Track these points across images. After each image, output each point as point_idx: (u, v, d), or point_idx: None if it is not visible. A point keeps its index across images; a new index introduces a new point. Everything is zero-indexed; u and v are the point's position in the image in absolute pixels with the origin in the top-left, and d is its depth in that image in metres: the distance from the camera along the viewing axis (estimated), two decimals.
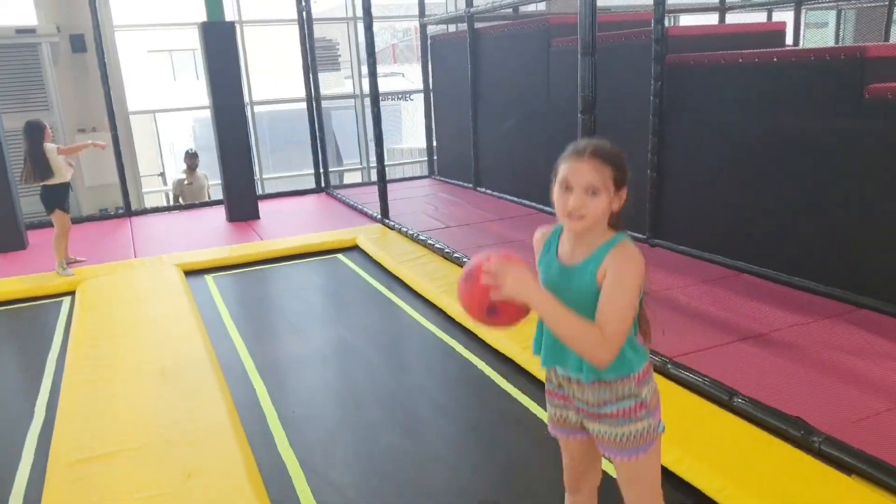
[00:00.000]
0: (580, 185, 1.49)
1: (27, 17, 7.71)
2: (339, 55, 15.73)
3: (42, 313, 4.43)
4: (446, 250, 4.91)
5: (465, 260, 4.61)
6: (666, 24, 4.63)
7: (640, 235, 4.87)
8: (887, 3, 8.93)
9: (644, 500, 1.69)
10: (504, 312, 1.48)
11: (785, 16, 10.64)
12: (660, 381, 2.82)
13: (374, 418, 2.88)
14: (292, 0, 7.62)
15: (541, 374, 3.09)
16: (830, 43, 11.45)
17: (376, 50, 5.80)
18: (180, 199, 7.62)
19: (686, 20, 10.53)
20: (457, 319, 3.83)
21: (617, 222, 1.56)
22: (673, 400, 2.68)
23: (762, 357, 3.02)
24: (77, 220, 6.83)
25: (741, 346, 3.15)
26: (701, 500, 2.19)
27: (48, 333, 4.03)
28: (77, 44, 7.47)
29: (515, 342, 3.30)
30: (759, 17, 10.58)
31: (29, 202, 7.39)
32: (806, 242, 3.83)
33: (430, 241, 5.14)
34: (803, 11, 8.76)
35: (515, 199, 6.54)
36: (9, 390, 3.40)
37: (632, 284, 1.48)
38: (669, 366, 2.87)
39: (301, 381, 3.30)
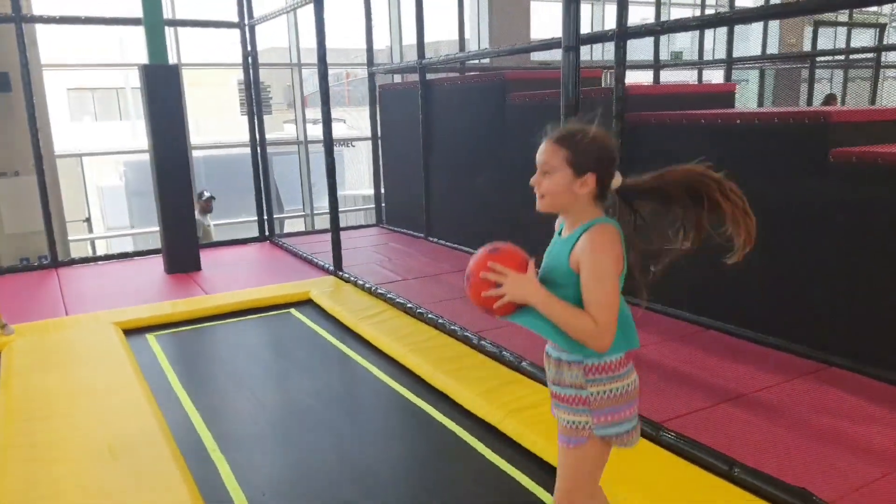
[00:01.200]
0: (538, 165, 1.69)
1: None
2: (271, 97, 15.53)
3: None
4: (408, 305, 4.74)
5: (429, 315, 4.46)
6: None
7: None
8: (807, 65, 9.57)
9: (562, 489, 1.78)
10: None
11: (713, 74, 11.26)
12: (656, 450, 2.73)
13: (349, 497, 2.66)
14: (221, 42, 7.43)
15: (521, 437, 2.96)
16: (754, 100, 12.16)
17: (307, 94, 5.67)
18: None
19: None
20: (426, 380, 3.66)
21: (608, 208, 1.69)
22: (672, 472, 2.58)
23: (749, 421, 2.99)
24: None
25: (726, 409, 3.11)
26: None
27: None
28: (2, 83, 7.00)
29: (492, 404, 3.16)
30: (689, 75, 11.14)
31: None
32: (770, 300, 3.89)
33: (389, 295, 4.96)
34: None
35: (470, 249, 6.46)
36: None
37: (605, 273, 1.60)
38: (663, 433, 2.78)
39: (266, 456, 3.03)
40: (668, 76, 11.08)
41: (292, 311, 5.14)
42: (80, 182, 9.84)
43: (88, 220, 9.75)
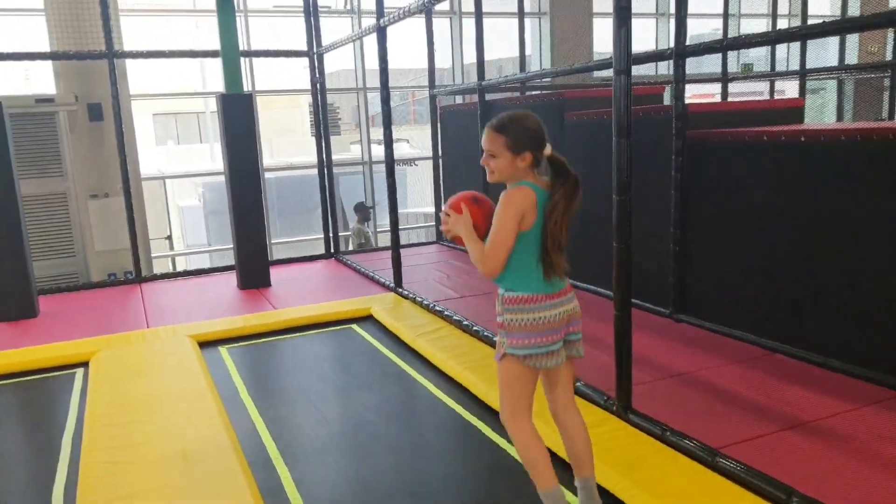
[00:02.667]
0: (485, 149, 2.24)
1: (47, 86, 7.83)
2: (340, 118, 15.99)
3: (55, 386, 4.31)
4: (465, 322, 4.83)
5: (485, 334, 4.53)
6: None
7: (664, 310, 4.81)
8: (888, 75, 9.15)
9: (500, 398, 2.35)
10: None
11: (786, 85, 10.91)
12: (709, 474, 2.71)
13: None
14: (291, 66, 7.73)
15: None
16: (832, 113, 11.69)
17: (372, 114, 5.87)
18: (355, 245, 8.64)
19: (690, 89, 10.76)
20: (481, 398, 3.72)
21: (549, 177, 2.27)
22: (728, 499, 2.56)
23: (812, 449, 2.91)
24: (87, 286, 6.79)
25: (788, 437, 3.04)
26: None
27: (62, 409, 3.90)
28: (94, 112, 7.56)
29: (548, 426, 3.19)
30: (760, 87, 10.85)
31: (41, 266, 7.35)
32: (841, 323, 3.77)
33: (446, 313, 5.06)
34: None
35: None
36: (25, 473, 3.26)
37: (503, 218, 2.15)
38: (720, 459, 2.75)
39: (327, 468, 3.16)
40: (738, 89, 10.82)
41: (354, 326, 5.32)
42: (163, 202, 10.45)
43: (170, 237, 10.32)
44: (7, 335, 5.26)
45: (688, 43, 4.42)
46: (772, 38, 4.33)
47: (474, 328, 4.66)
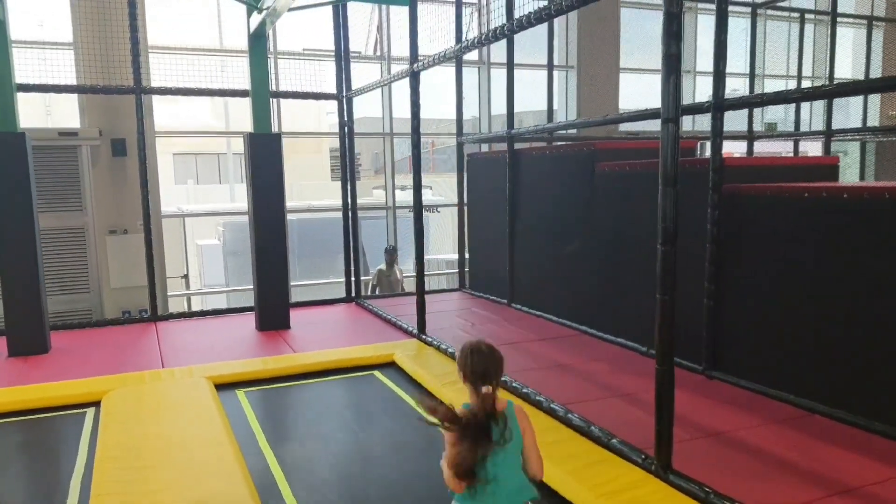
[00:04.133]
0: None
1: (67, 120, 7.90)
2: (360, 165, 16.08)
3: (64, 426, 4.16)
4: None
5: (513, 384, 4.36)
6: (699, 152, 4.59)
7: (696, 366, 4.63)
8: None
9: None
10: None
11: (809, 146, 10.87)
12: None
13: None
14: (311, 112, 7.73)
15: None
16: (854, 174, 11.62)
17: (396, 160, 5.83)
18: (377, 290, 8.34)
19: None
20: None
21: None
22: None
23: None
24: (102, 323, 6.69)
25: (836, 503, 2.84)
26: None
27: (71, 451, 3.75)
28: (118, 148, 7.59)
29: (582, 484, 3.00)
30: (785, 147, 10.81)
31: (55, 301, 7.27)
32: (885, 385, 3.58)
33: None
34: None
35: (553, 317, 6.35)
36: None
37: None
38: None
39: None
40: (762, 148, 10.78)
41: (376, 372, 5.15)
42: (181, 240, 10.41)
43: (186, 276, 10.24)
44: (17, 371, 5.14)
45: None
46: (808, 94, 4.26)
47: (501, 379, 4.48)
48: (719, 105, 4.33)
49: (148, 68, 7.44)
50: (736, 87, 12.33)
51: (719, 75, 4.36)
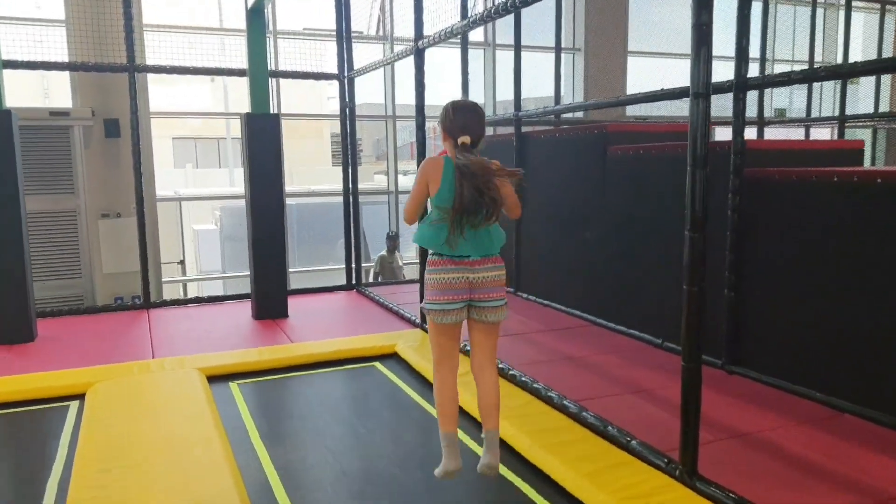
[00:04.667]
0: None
1: (62, 100, 7.63)
2: (362, 150, 15.79)
3: (44, 421, 3.92)
4: (500, 366, 4.43)
5: (522, 379, 4.13)
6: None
7: (715, 360, 4.39)
8: None
9: None
10: None
11: (819, 133, 10.59)
12: None
13: None
14: (315, 99, 7.50)
15: None
16: (867, 160, 11.33)
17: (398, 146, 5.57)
18: (380, 277, 8.26)
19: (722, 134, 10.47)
20: (523, 454, 3.31)
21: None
22: None
23: None
24: (92, 310, 6.45)
25: None
26: None
27: (50, 448, 3.51)
28: (111, 129, 7.34)
29: (602, 490, 2.77)
30: (794, 133, 10.53)
31: (44, 287, 7.04)
32: None
33: None
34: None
35: (562, 307, 6.12)
36: None
37: (415, 182, 2.65)
38: None
39: None
40: (771, 134, 10.51)
41: (377, 364, 4.92)
42: (178, 225, 10.18)
43: (182, 262, 10.01)
44: None
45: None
46: (846, 72, 4.00)
47: (510, 372, 4.26)
48: (742, 84, 4.06)
49: (143, 47, 7.17)
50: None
51: (741, 53, 4.09)
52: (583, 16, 9.95)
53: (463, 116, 2.65)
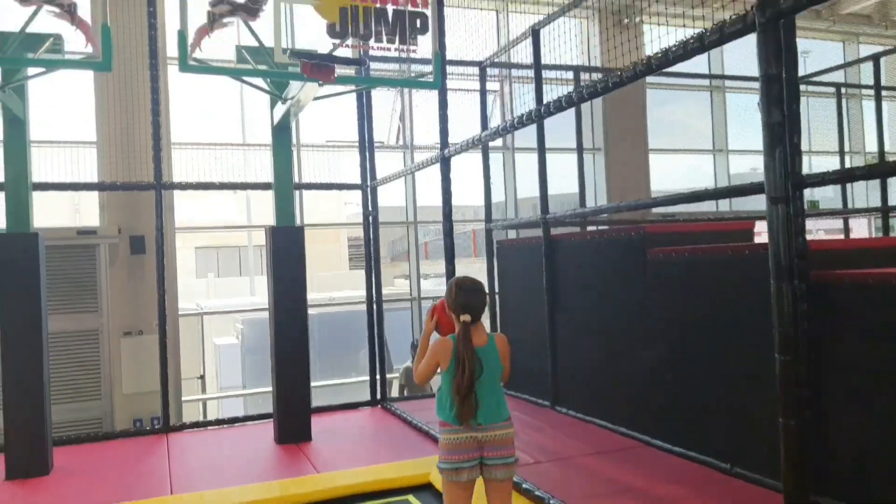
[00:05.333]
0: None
1: (91, 214, 7.62)
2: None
3: None
4: (539, 494, 4.01)
5: None
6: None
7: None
8: None
9: None
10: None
11: (858, 223, 10.34)
12: None
13: None
14: (332, 204, 7.44)
15: None
16: None
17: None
18: (406, 389, 8.03)
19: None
20: None
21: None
22: None
23: None
24: (111, 436, 6.13)
25: None
26: None
27: None
28: (137, 245, 7.26)
29: None
30: (830, 224, 10.29)
31: (62, 410, 6.74)
32: None
33: (524, 486, 4.22)
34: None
35: (607, 424, 5.67)
36: None
37: (428, 354, 3.11)
38: None
39: None
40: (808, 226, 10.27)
41: (410, 497, 4.49)
42: (199, 339, 9.94)
43: (203, 377, 9.69)
44: (11, 497, 4.56)
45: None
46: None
47: (551, 502, 3.82)
48: (799, 182, 3.83)
49: (170, 164, 7.22)
50: (754, 165, 11.99)
51: (794, 148, 3.89)
52: (601, 116, 10.01)
53: (465, 296, 3.02)
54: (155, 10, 6.25)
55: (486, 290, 3.20)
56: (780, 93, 2.42)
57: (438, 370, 3.09)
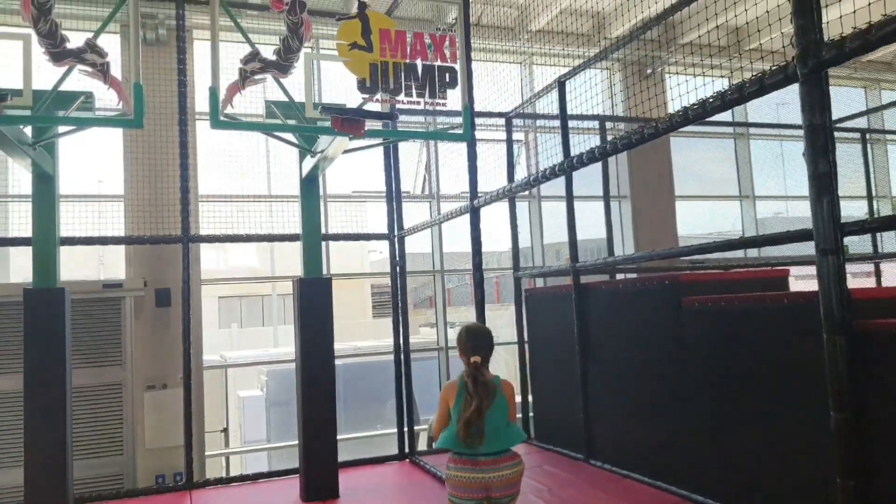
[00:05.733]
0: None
1: (117, 266, 7.68)
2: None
3: None
4: None
5: None
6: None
7: None
8: None
9: None
10: None
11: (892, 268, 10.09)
12: None
13: None
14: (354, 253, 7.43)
15: None
16: None
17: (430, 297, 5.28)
18: (434, 443, 7.48)
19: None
20: None
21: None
22: None
23: None
24: (133, 493, 6.03)
25: None
26: None
27: None
28: (162, 298, 7.27)
29: None
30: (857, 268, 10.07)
31: (83, 466, 6.65)
32: None
33: None
34: None
35: (641, 476, 5.46)
36: None
37: (439, 404, 3.44)
38: None
39: None
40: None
41: None
42: (222, 391, 9.88)
43: (226, 430, 9.59)
44: None
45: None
46: None
47: None
48: (840, 230, 3.73)
49: (197, 217, 7.28)
50: (777, 209, 11.85)
51: (835, 198, 3.81)
52: (626, 164, 9.99)
53: (475, 340, 3.33)
54: (185, 68, 6.41)
55: (493, 335, 3.43)
56: (826, 143, 2.36)
57: (450, 412, 3.32)
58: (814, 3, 2.58)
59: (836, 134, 9.46)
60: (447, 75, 4.46)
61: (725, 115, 10.93)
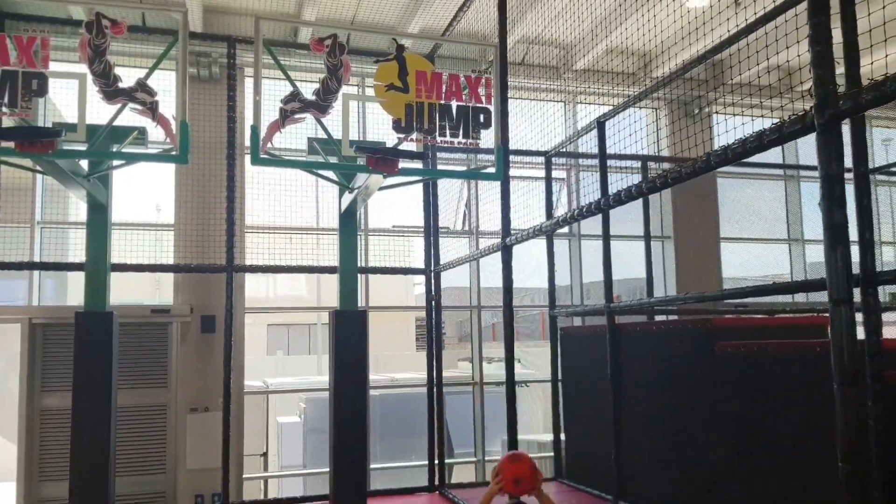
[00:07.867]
0: None
1: (170, 294, 8.01)
2: (445, 333, 15.67)
3: None
4: None
5: None
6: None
7: None
8: None
9: None
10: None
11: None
12: None
13: None
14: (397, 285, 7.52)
15: None
16: None
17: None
18: None
19: None
20: None
21: None
22: None
23: None
24: None
25: None
26: None
27: None
28: (208, 324, 7.53)
29: None
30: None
31: (126, 483, 6.88)
32: None
33: None
34: None
35: None
36: None
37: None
38: None
39: None
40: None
41: None
42: (264, 415, 10.06)
43: (265, 454, 9.76)
44: None
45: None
46: None
47: None
48: (871, 279, 3.67)
49: (243, 246, 7.56)
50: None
51: (867, 244, 3.75)
52: (670, 204, 9.90)
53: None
54: (234, 104, 6.73)
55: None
56: (843, 193, 2.37)
57: None
58: (832, 54, 2.60)
59: (880, 177, 9.24)
60: (481, 116, 4.60)
61: (776, 155, 10.76)
